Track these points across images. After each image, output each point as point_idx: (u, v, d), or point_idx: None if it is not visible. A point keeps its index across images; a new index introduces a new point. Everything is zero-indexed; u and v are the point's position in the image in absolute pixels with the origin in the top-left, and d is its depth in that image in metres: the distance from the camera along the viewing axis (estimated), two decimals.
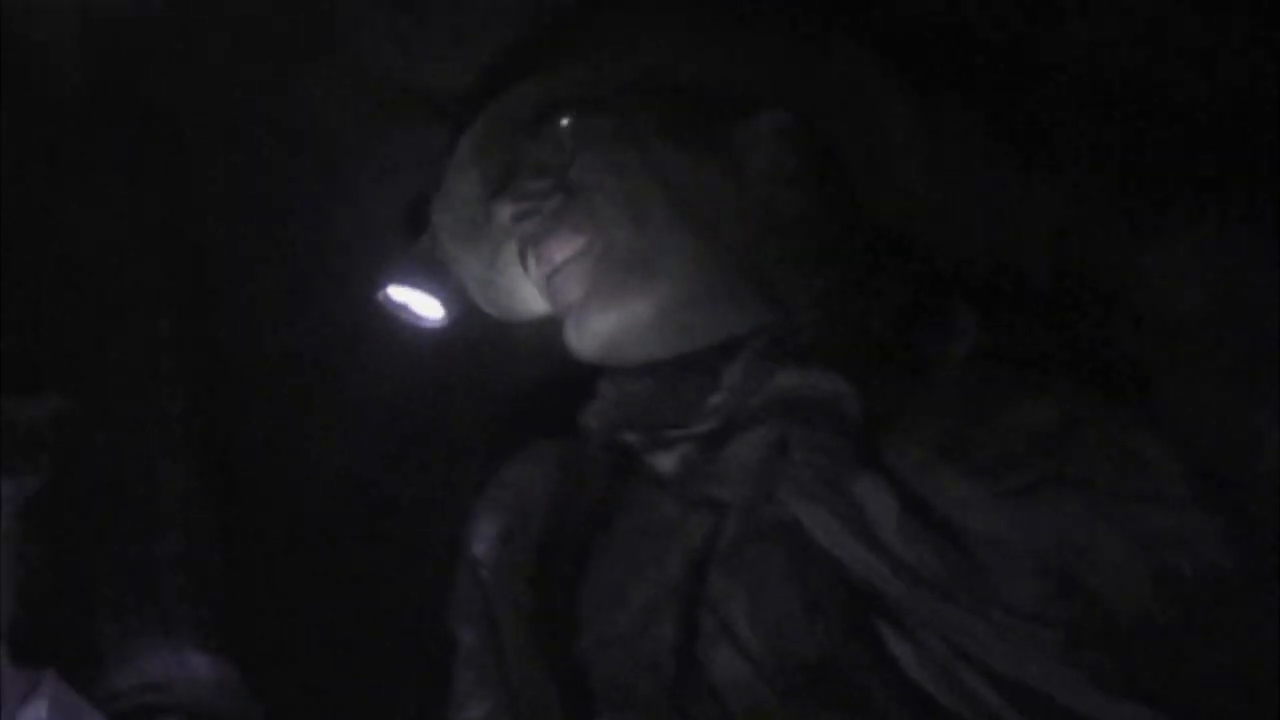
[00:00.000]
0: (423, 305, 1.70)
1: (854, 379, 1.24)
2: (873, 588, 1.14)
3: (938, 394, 1.27)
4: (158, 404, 1.67)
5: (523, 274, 1.45)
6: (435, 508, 1.68)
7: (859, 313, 1.33)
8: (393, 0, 1.56)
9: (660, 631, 1.20)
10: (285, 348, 1.80)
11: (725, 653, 1.16)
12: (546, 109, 1.42)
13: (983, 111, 1.41)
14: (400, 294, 1.70)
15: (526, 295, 1.51)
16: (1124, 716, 1.05)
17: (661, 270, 1.33)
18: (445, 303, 1.68)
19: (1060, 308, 1.36)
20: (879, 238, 1.39)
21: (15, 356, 1.56)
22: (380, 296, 1.70)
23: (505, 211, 1.40)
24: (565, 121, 1.40)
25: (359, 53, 1.59)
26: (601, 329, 1.34)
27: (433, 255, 1.61)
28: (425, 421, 1.82)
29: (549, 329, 1.46)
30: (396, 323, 1.71)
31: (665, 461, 1.30)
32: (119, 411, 1.63)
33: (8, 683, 1.34)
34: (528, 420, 1.57)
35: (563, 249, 1.36)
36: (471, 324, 1.67)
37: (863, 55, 1.39)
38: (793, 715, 1.13)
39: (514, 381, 1.73)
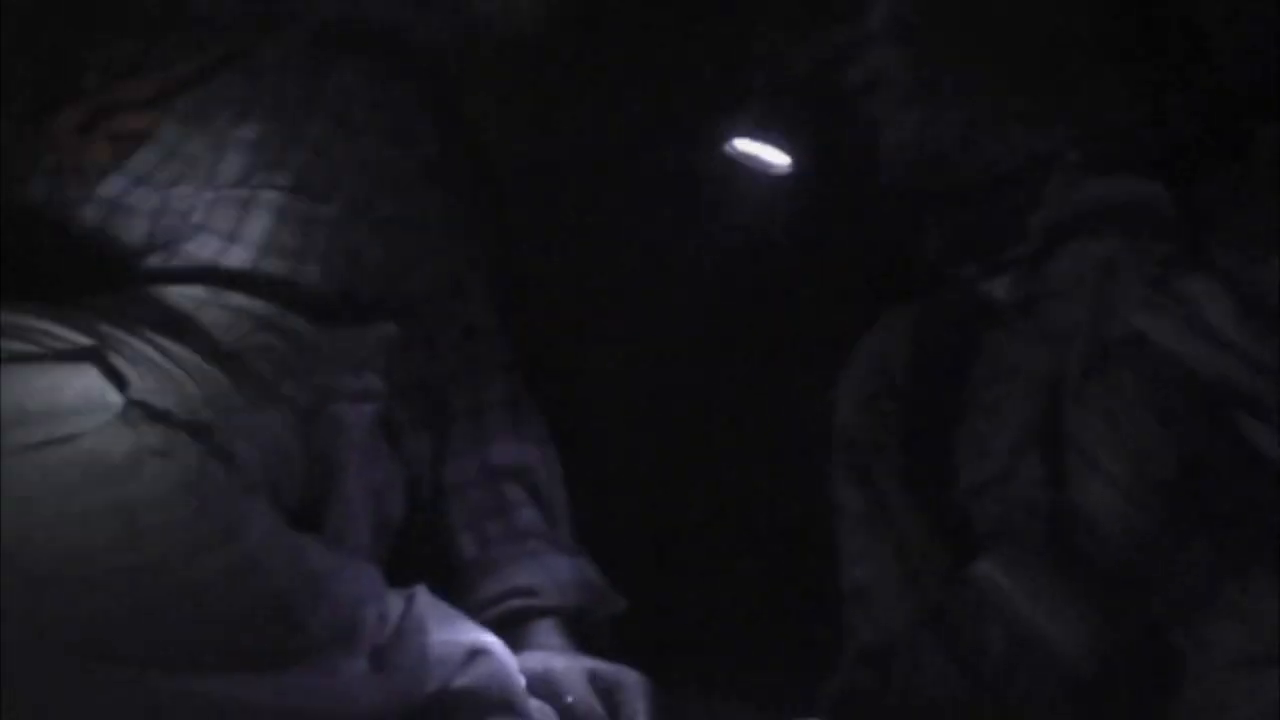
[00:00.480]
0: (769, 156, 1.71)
1: (1168, 179, 1.21)
2: (1225, 383, 1.12)
3: (1255, 183, 1.22)
4: (470, 322, 1.68)
5: None
6: (787, 381, 1.66)
7: (1161, 113, 1.29)
8: None
9: (1028, 473, 1.22)
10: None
11: (1092, 483, 1.16)
12: None
13: None
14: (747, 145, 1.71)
15: None
16: None
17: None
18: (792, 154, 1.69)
19: None
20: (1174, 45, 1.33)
21: (336, 293, 1.59)
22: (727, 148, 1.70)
23: None
24: None
25: None
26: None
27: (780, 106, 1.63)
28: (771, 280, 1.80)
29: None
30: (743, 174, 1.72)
31: (1000, 288, 1.30)
32: (438, 334, 1.64)
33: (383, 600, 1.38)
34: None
35: None
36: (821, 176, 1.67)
37: None
38: (1167, 535, 1.12)
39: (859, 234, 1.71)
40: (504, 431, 1.65)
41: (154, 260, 1.59)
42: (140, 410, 1.28)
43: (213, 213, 1.60)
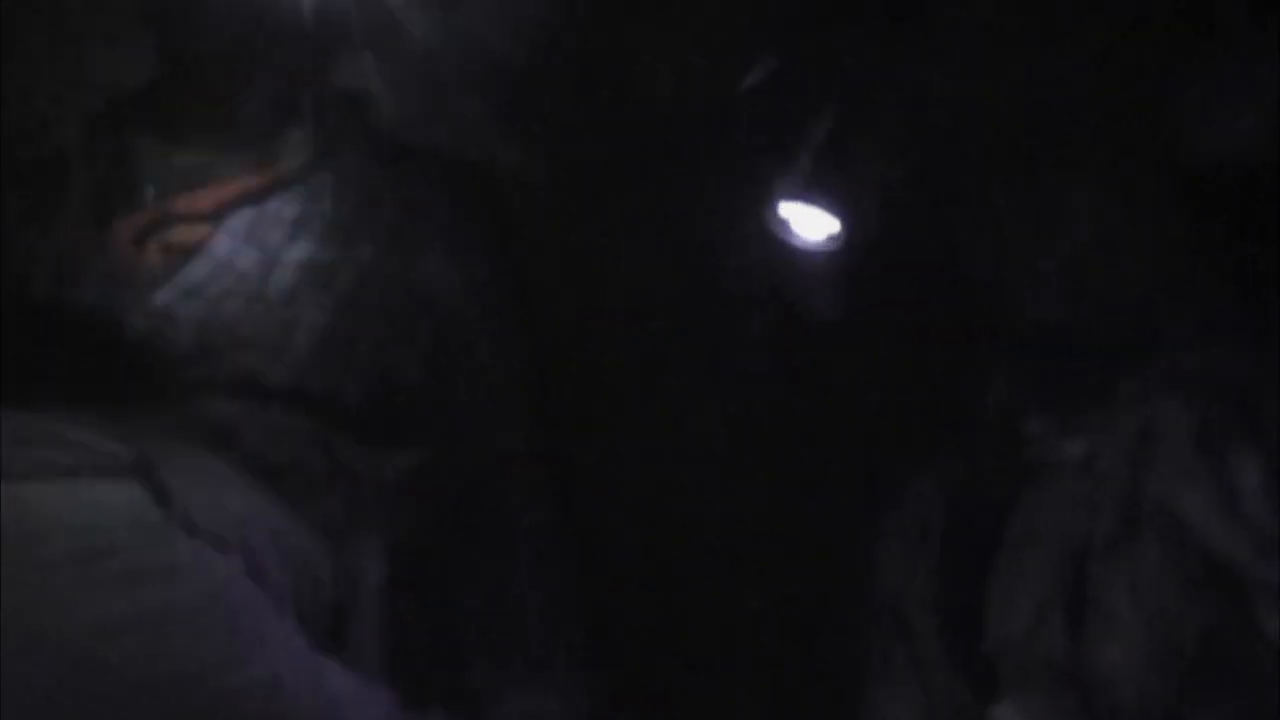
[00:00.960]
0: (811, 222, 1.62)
1: (1216, 350, 1.20)
2: (1244, 564, 1.16)
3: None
4: (504, 446, 1.70)
5: None
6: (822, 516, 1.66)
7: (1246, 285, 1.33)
8: None
9: (1051, 630, 1.25)
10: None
11: (1111, 646, 1.20)
12: None
13: None
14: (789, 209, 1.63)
15: None
16: None
17: None
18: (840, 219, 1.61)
19: None
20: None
21: (374, 414, 1.61)
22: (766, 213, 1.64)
23: None
24: None
25: None
26: None
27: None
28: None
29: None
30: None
31: (1075, 447, 1.32)
32: (468, 458, 1.66)
33: None
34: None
35: None
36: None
37: None
38: (1182, 697, 1.16)
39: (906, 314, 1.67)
40: (528, 563, 1.66)
41: (199, 371, 1.61)
42: (178, 526, 1.30)
43: (260, 329, 1.63)
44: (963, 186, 1.52)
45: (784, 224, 1.65)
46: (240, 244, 1.71)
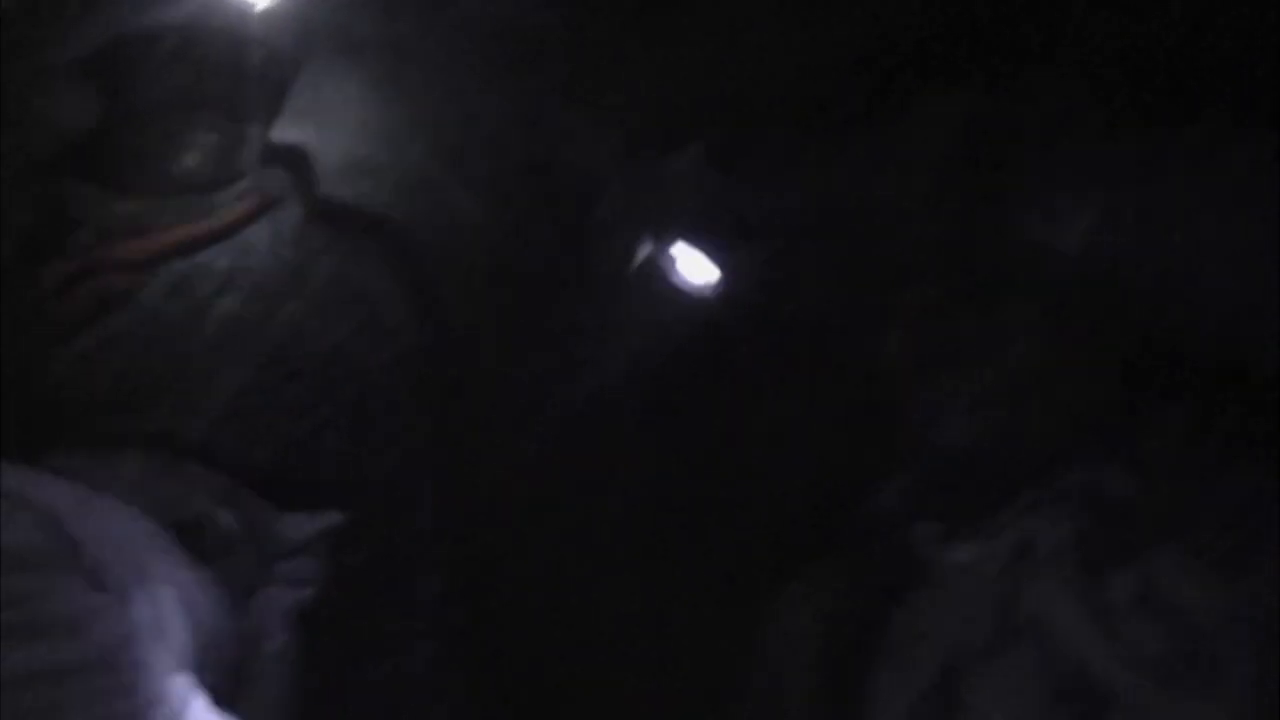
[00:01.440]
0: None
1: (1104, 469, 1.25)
2: (1108, 677, 1.17)
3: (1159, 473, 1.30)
4: (415, 518, 1.70)
5: None
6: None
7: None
8: None
9: None
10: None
11: None
12: None
13: None
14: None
15: None
16: None
17: None
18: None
19: None
20: None
21: (288, 475, 1.61)
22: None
23: None
24: None
25: None
26: None
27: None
28: None
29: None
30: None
31: (957, 556, 1.33)
32: (379, 527, 1.66)
33: None
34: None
35: None
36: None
37: None
38: None
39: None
40: (429, 638, 1.66)
41: (117, 420, 1.61)
42: (87, 578, 1.29)
43: (180, 381, 1.63)
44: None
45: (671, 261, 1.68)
46: (169, 295, 1.70)
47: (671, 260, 1.71)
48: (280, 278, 1.75)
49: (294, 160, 1.87)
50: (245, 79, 1.75)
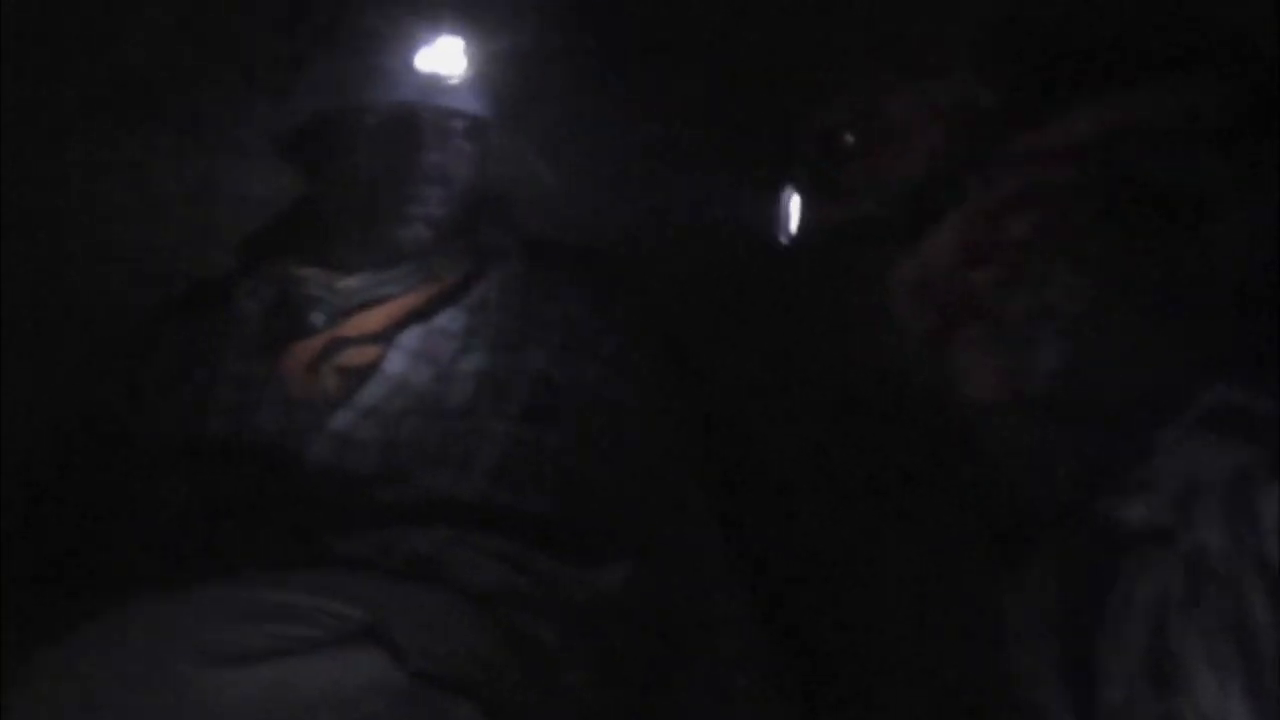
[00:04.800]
0: None
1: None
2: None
3: None
4: (699, 548, 1.59)
5: None
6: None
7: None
8: None
9: (1144, 698, 1.18)
10: None
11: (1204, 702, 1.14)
12: None
13: None
14: None
15: None
16: None
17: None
18: None
19: None
20: None
21: (566, 525, 1.51)
22: None
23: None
24: None
25: None
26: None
27: None
28: None
29: None
30: None
31: (1137, 516, 1.24)
32: (667, 566, 1.55)
33: None
34: None
35: None
36: None
37: None
38: None
39: None
40: (736, 667, 1.55)
41: (387, 494, 1.52)
42: (420, 682, 1.20)
43: (444, 445, 1.54)
44: None
45: None
46: (413, 361, 1.61)
47: None
48: (518, 329, 1.65)
49: (505, 214, 1.78)
50: (448, 147, 1.66)
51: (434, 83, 1.67)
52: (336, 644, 1.16)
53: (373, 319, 1.65)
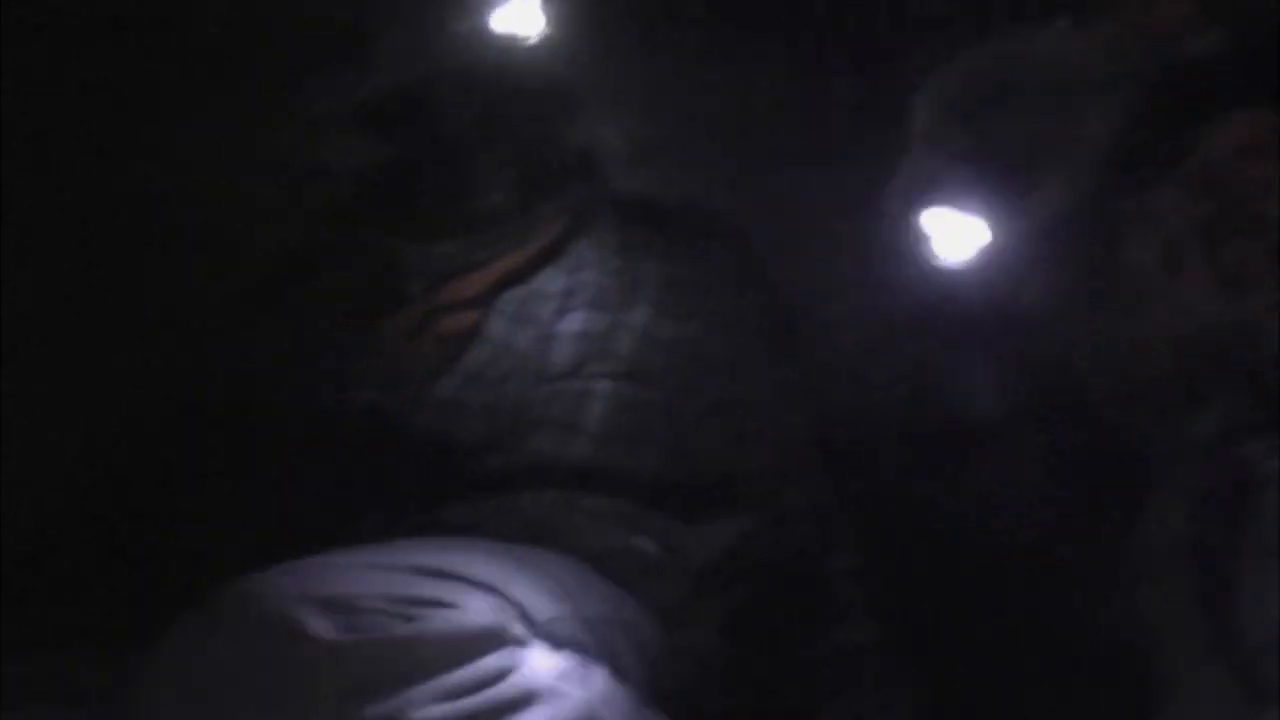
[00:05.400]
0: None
1: None
2: None
3: None
4: (809, 500, 1.56)
5: None
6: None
7: None
8: None
9: None
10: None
11: None
12: None
13: None
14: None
15: None
16: None
17: None
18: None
19: None
20: None
21: (676, 484, 1.48)
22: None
23: None
24: None
25: None
26: None
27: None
28: None
29: None
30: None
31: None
32: (780, 518, 1.52)
33: None
34: None
35: None
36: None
37: None
38: None
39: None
40: (851, 613, 1.52)
41: (494, 459, 1.50)
42: (547, 643, 1.19)
43: (548, 407, 1.52)
44: None
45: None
46: (513, 324, 1.59)
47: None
48: (616, 288, 1.62)
49: (594, 171, 1.74)
50: (530, 107, 1.63)
51: (513, 44, 1.63)
52: (461, 604, 1.14)
53: (470, 284, 1.63)
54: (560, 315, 1.58)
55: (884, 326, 1.66)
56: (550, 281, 1.61)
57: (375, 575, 1.16)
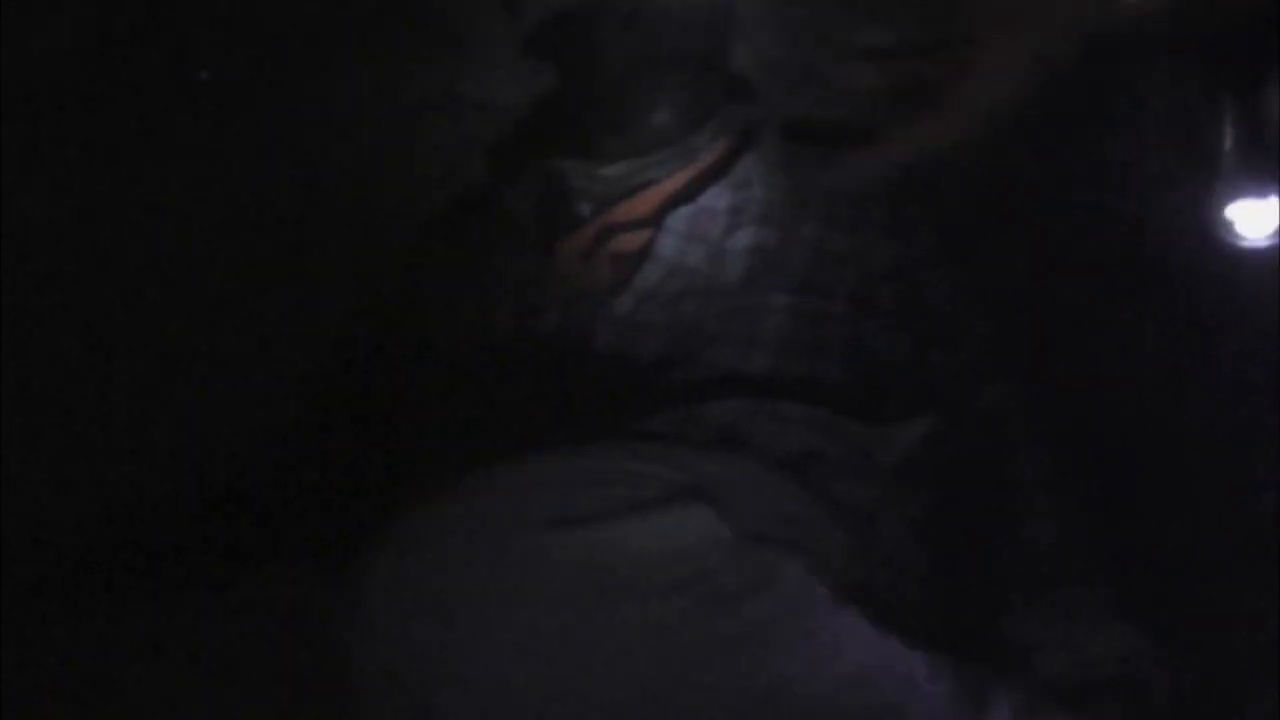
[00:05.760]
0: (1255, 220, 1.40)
1: None
2: None
3: None
4: (992, 401, 1.56)
5: None
6: None
7: None
8: None
9: None
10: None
11: None
12: None
13: None
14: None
15: None
16: None
17: None
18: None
19: None
20: None
21: (859, 390, 1.49)
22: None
23: None
24: None
25: None
26: None
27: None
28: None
29: None
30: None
31: None
32: (964, 421, 1.52)
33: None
34: None
35: None
36: None
37: None
38: None
39: None
40: (1042, 512, 1.52)
41: (674, 375, 1.52)
42: (749, 539, 1.21)
43: (725, 321, 1.54)
44: None
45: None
46: (685, 242, 1.61)
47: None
48: (784, 202, 1.63)
49: (755, 92, 1.75)
50: (689, 31, 1.64)
51: None
52: (666, 503, 1.18)
53: (639, 204, 1.65)
54: (730, 231, 1.60)
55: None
56: (718, 198, 1.63)
57: (588, 478, 1.19)
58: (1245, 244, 1.42)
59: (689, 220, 1.62)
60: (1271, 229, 1.40)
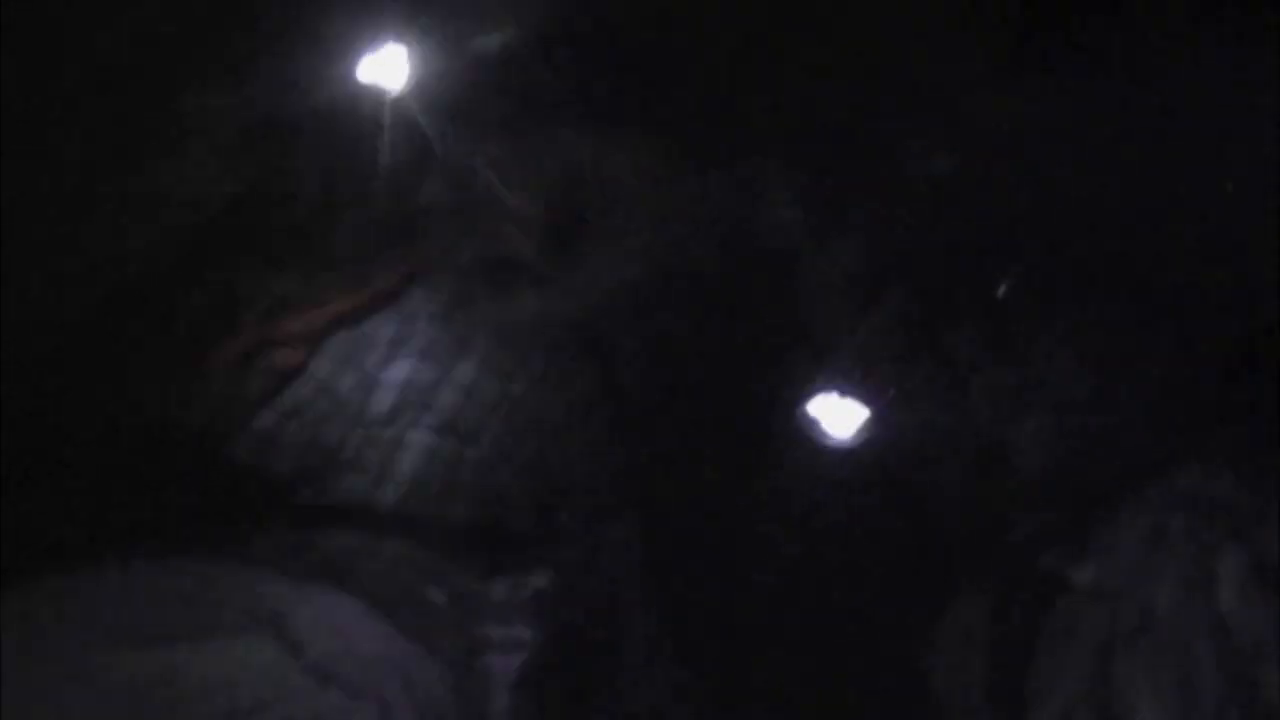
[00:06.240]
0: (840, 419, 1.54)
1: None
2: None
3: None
4: (612, 563, 1.60)
5: None
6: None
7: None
8: None
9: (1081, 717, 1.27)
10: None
11: None
12: None
13: None
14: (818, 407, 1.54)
15: None
16: None
17: None
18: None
19: None
20: None
21: (482, 536, 1.52)
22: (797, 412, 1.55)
23: None
24: None
25: None
26: None
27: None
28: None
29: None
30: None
31: (1083, 573, 1.36)
32: (580, 578, 1.56)
33: None
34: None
35: None
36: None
37: None
38: None
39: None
40: (644, 671, 1.55)
41: (304, 495, 1.52)
42: (315, 677, 1.21)
43: (363, 451, 1.54)
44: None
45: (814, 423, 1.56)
46: (339, 366, 1.62)
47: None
48: (445, 341, 1.66)
49: (440, 227, 1.79)
50: (386, 158, 1.68)
51: (377, 94, 1.68)
52: (237, 632, 1.17)
53: (302, 322, 1.65)
54: (386, 363, 1.61)
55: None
56: (381, 328, 1.64)
57: (155, 597, 1.17)
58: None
59: (348, 346, 1.63)
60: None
